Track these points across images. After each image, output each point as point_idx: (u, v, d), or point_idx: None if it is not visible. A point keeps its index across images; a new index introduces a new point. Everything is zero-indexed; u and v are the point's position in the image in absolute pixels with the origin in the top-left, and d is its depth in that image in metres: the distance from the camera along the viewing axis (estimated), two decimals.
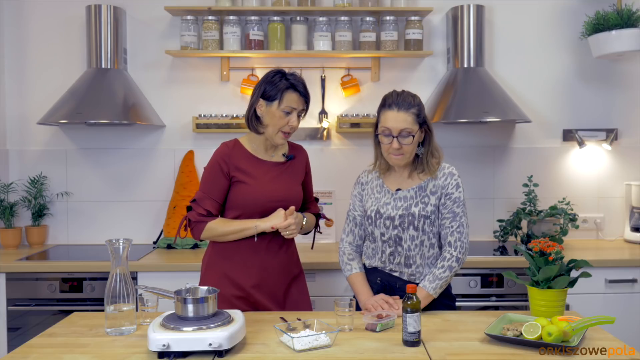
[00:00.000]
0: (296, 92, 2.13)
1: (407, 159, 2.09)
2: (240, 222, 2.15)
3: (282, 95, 2.11)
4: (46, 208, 3.38)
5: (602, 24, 3.09)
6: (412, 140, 2.05)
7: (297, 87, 2.13)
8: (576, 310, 2.70)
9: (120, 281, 1.83)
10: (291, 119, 2.13)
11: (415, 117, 2.05)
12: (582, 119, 3.46)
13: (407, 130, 2.03)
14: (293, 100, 2.13)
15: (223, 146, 2.22)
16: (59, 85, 3.30)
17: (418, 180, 2.13)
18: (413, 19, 3.29)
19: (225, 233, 2.15)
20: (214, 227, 2.15)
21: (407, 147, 2.05)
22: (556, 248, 1.92)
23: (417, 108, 2.06)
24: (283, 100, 2.12)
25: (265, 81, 2.15)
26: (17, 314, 2.88)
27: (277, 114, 2.12)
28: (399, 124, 2.03)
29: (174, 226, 3.26)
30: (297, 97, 2.14)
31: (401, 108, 2.04)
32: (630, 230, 3.35)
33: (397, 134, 2.03)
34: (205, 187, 2.18)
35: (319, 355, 1.67)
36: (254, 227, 2.12)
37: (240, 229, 2.14)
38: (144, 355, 1.67)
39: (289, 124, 2.13)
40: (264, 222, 2.13)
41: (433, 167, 2.10)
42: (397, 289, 2.12)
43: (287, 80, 2.13)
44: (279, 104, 2.12)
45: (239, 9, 3.24)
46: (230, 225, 2.14)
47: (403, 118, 2.03)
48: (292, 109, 2.13)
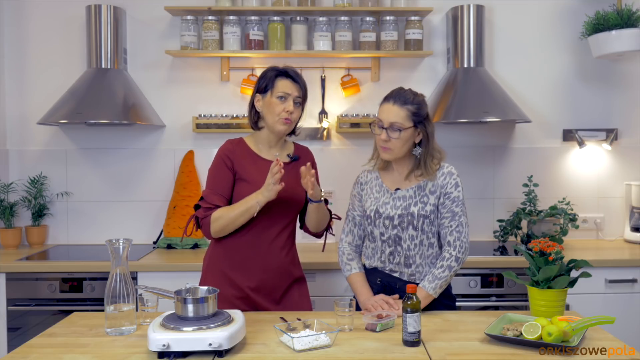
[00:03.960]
0: (287, 78, 2.16)
1: (395, 154, 2.09)
2: (242, 203, 2.09)
3: (273, 83, 2.15)
4: (46, 208, 3.38)
5: (602, 24, 3.09)
6: (399, 135, 2.04)
7: (288, 73, 2.17)
8: (576, 310, 2.70)
9: (120, 281, 1.83)
10: (287, 104, 2.14)
11: (409, 113, 2.05)
12: (582, 119, 3.46)
13: (397, 124, 2.04)
14: (285, 86, 2.15)
15: (227, 143, 2.23)
16: (59, 85, 3.30)
17: (417, 180, 2.13)
18: (413, 19, 3.29)
19: (231, 218, 2.10)
20: (219, 216, 2.11)
21: (395, 142, 2.06)
22: (556, 248, 1.92)
23: (415, 106, 2.06)
24: (275, 87, 2.15)
25: (259, 77, 2.21)
26: (17, 314, 2.88)
27: (272, 102, 2.15)
28: (391, 116, 2.05)
29: (174, 226, 3.26)
30: (290, 83, 2.16)
31: (396, 102, 2.06)
32: (630, 230, 3.35)
33: (387, 126, 2.05)
34: (212, 184, 2.18)
35: (319, 355, 1.67)
36: (256, 203, 2.06)
37: (245, 209, 2.08)
38: (144, 355, 1.67)
39: (285, 109, 2.14)
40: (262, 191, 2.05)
41: (431, 169, 2.09)
42: (397, 289, 2.12)
43: (279, 70, 2.19)
44: (272, 92, 2.15)
45: (239, 9, 3.24)
46: (233, 210, 2.10)
47: (396, 112, 2.05)
48: (285, 94, 2.14)
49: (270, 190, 2.03)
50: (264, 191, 2.05)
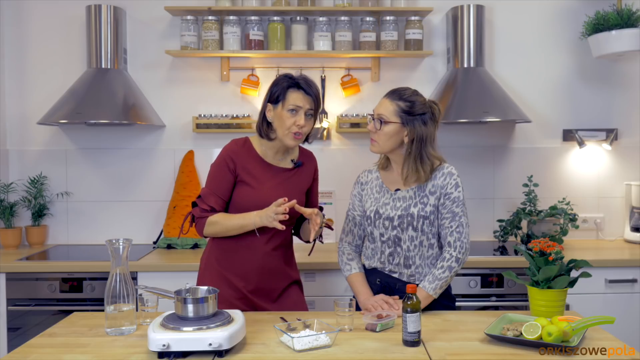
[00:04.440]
0: (300, 90, 2.10)
1: (380, 147, 2.09)
2: (240, 218, 2.10)
3: (285, 95, 2.10)
4: (46, 208, 3.38)
5: (602, 24, 3.09)
6: (380, 127, 2.05)
7: (300, 85, 2.10)
8: (576, 310, 2.70)
9: (120, 281, 1.83)
10: (298, 118, 2.08)
11: (398, 109, 2.05)
12: (582, 119, 3.46)
13: (381, 116, 2.06)
14: (297, 98, 2.09)
15: (232, 143, 2.20)
16: (59, 85, 3.30)
17: (414, 183, 2.12)
18: (413, 19, 3.29)
19: (226, 228, 2.11)
20: (214, 222, 2.12)
21: (380, 135, 2.07)
22: (556, 248, 1.92)
23: (407, 104, 2.05)
24: (287, 99, 2.09)
25: (271, 85, 2.15)
26: (17, 314, 2.88)
27: (283, 114, 2.09)
28: (380, 108, 2.09)
29: (174, 226, 3.26)
30: (302, 95, 2.10)
31: (389, 96, 2.09)
32: (630, 230, 3.35)
33: (375, 117, 2.08)
34: (211, 184, 2.17)
35: (319, 355, 1.67)
36: (252, 223, 2.06)
37: (241, 225, 2.09)
38: (144, 355, 1.67)
39: (296, 123, 2.08)
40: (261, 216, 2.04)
41: (419, 173, 2.06)
42: (397, 290, 2.12)
43: (291, 79, 2.12)
44: (283, 104, 2.09)
45: (239, 9, 3.24)
46: (230, 220, 2.11)
47: (385, 105, 2.08)
48: (297, 107, 2.09)
49: (269, 222, 2.00)
50: (264, 218, 2.02)
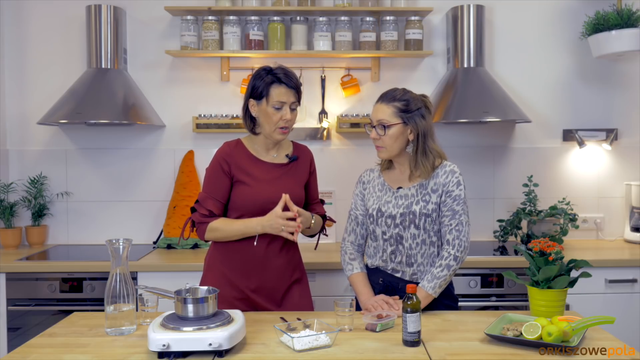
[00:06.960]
0: (282, 85, 2.10)
1: (390, 152, 2.10)
2: (241, 224, 2.11)
3: (268, 91, 2.10)
4: (46, 208, 3.38)
5: (602, 24, 3.09)
6: (385, 132, 2.05)
7: (281, 79, 2.10)
8: (576, 310, 2.70)
9: (120, 281, 1.83)
10: (284, 113, 2.10)
11: (396, 110, 2.06)
12: (582, 119, 3.46)
13: (382, 122, 2.06)
14: (281, 94, 2.10)
15: (225, 145, 2.21)
16: (59, 85, 3.30)
17: (419, 179, 2.12)
18: (413, 19, 3.29)
19: (227, 233, 2.13)
20: (215, 227, 2.13)
21: (385, 139, 2.07)
22: (556, 248, 1.92)
23: (403, 102, 2.06)
24: (271, 95, 2.10)
25: (252, 79, 2.15)
26: (17, 314, 2.88)
27: (268, 111, 2.10)
28: (377, 114, 2.09)
29: (174, 226, 3.26)
30: (285, 89, 2.10)
31: (383, 100, 2.09)
32: (630, 230, 3.35)
33: (375, 125, 2.08)
34: (207, 188, 2.18)
35: (319, 355, 1.67)
36: (255, 231, 2.09)
37: (243, 232, 2.12)
38: (144, 355, 1.67)
39: (282, 118, 2.11)
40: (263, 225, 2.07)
41: (425, 168, 2.07)
42: (399, 290, 2.12)
43: (272, 74, 2.11)
44: (267, 100, 2.10)
45: (239, 9, 3.24)
46: (232, 226, 2.12)
47: (382, 109, 2.08)
48: (281, 103, 2.10)
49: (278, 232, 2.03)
50: (267, 227, 2.05)
